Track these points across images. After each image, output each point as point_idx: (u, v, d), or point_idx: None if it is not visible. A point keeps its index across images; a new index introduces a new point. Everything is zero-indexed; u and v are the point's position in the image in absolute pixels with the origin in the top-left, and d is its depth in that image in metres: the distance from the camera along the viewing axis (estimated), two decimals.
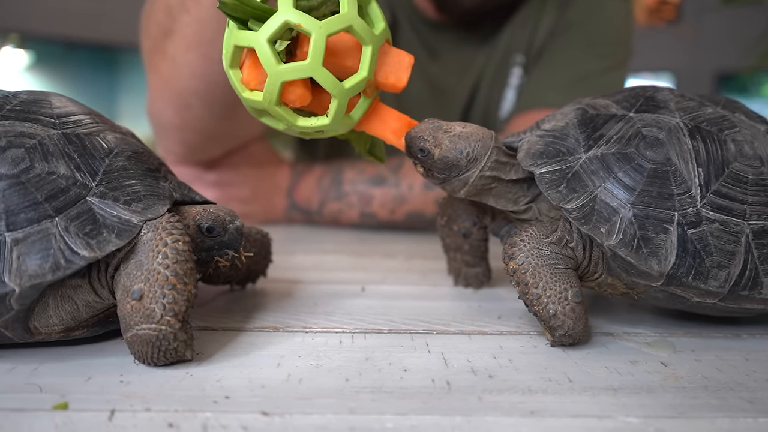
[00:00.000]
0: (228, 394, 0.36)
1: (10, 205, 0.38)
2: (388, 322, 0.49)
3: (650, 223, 0.43)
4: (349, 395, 0.36)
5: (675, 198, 0.44)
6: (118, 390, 0.36)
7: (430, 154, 0.47)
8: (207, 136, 0.83)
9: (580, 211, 0.44)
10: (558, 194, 0.45)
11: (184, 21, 0.70)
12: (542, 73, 1.07)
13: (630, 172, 0.44)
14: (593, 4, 1.09)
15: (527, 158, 0.47)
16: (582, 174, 0.45)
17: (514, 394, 0.37)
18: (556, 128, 0.48)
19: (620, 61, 1.09)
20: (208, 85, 0.74)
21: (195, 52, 0.72)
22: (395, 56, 0.46)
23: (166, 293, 0.38)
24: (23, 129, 0.41)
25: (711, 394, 0.38)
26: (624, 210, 0.43)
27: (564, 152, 0.46)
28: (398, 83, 0.46)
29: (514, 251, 0.44)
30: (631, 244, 0.43)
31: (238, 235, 0.45)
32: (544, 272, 0.43)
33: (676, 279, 0.43)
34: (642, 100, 0.49)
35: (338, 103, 0.44)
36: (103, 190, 0.41)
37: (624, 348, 0.45)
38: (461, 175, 0.48)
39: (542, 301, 0.43)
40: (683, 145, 0.45)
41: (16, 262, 0.37)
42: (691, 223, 0.43)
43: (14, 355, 0.41)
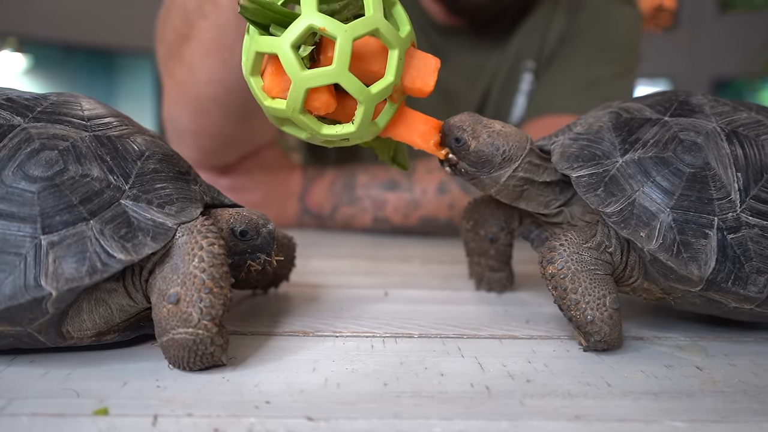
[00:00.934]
0: (268, 399, 0.35)
1: (45, 207, 0.38)
2: (417, 327, 0.49)
3: (690, 228, 0.43)
4: (391, 400, 0.36)
5: (714, 203, 0.44)
6: (156, 395, 0.35)
7: (466, 145, 0.47)
8: (223, 141, 0.83)
9: (619, 215, 0.44)
10: (596, 198, 0.44)
11: (202, 26, 0.70)
12: (553, 78, 1.07)
13: (668, 176, 0.44)
14: (603, 10, 1.10)
15: (562, 161, 0.47)
16: (619, 178, 0.45)
17: (555, 398, 0.37)
18: (590, 131, 0.48)
19: (630, 67, 1.10)
20: (225, 91, 0.74)
21: (213, 57, 0.71)
22: (422, 60, 0.45)
23: (203, 297, 0.38)
24: (56, 131, 0.41)
25: (751, 398, 0.37)
26: (663, 214, 0.43)
27: (600, 156, 0.46)
28: (425, 87, 0.45)
29: (553, 255, 0.44)
30: (671, 248, 0.43)
31: (270, 239, 0.45)
32: (584, 278, 0.43)
33: (715, 284, 0.43)
34: (676, 104, 0.49)
35: (365, 110, 0.42)
36: (136, 192, 0.41)
37: (656, 352, 0.45)
38: (493, 172, 0.48)
39: (580, 306, 0.43)
40: (721, 150, 0.45)
41: (53, 265, 0.36)
42: (731, 228, 0.43)
43: (46, 360, 0.40)
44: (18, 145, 0.39)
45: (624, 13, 1.12)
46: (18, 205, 0.37)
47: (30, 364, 0.39)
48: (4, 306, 0.35)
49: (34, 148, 0.39)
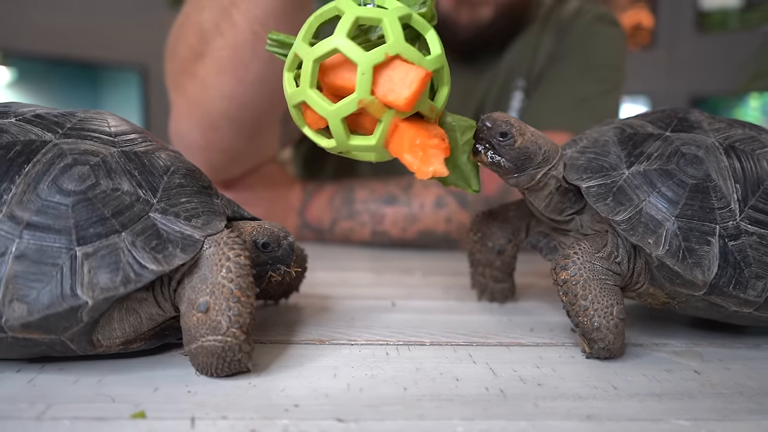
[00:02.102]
0: (296, 402, 0.37)
1: (79, 220, 0.39)
2: (427, 335, 0.51)
3: (694, 235, 0.46)
4: (412, 403, 0.38)
5: (716, 212, 0.47)
6: (188, 400, 0.37)
7: (513, 140, 0.48)
8: (231, 156, 0.84)
9: (628, 222, 0.46)
10: (606, 207, 0.47)
11: (218, 44, 0.72)
12: (543, 96, 1.11)
13: (673, 187, 0.47)
14: (589, 31, 1.14)
15: (572, 172, 0.50)
16: (626, 188, 0.48)
17: (566, 400, 0.39)
18: (596, 145, 0.51)
19: (615, 85, 1.14)
20: (238, 107, 0.76)
21: (227, 74, 0.73)
22: (401, 72, 0.42)
23: (231, 306, 0.40)
24: (86, 147, 0.43)
25: (747, 399, 0.40)
26: (668, 223, 0.46)
27: (607, 167, 0.49)
28: (397, 100, 0.42)
29: (567, 263, 0.46)
30: (677, 254, 0.45)
31: (290, 250, 0.47)
32: (594, 286, 0.46)
33: (717, 288, 0.46)
34: (676, 121, 0.52)
35: (332, 125, 0.43)
36: (164, 206, 0.42)
37: (656, 358, 0.47)
38: (531, 169, 0.49)
39: (589, 313, 0.45)
40: (720, 163, 0.48)
41: (88, 275, 0.38)
42: (732, 236, 0.46)
43: (74, 368, 0.41)
44: (51, 160, 0.41)
45: (609, 33, 1.17)
46: (53, 217, 0.39)
47: (60, 371, 0.41)
48: (41, 315, 0.37)
49: (67, 163, 0.41)
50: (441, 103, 0.46)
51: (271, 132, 0.88)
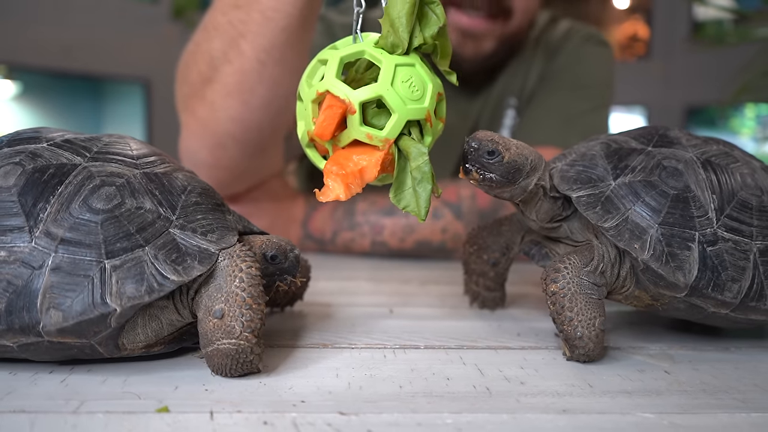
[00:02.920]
0: (303, 399, 0.41)
1: (107, 236, 0.44)
2: (422, 339, 0.55)
3: (675, 241, 0.50)
4: (407, 399, 0.42)
5: (695, 219, 0.51)
6: (206, 396, 0.41)
7: (500, 157, 0.50)
8: (237, 174, 0.89)
9: (615, 229, 0.51)
10: (595, 215, 0.51)
11: (226, 71, 0.77)
12: (534, 114, 1.16)
13: (656, 197, 0.52)
14: (578, 51, 1.19)
15: (563, 183, 0.54)
16: (614, 198, 0.52)
17: (545, 396, 0.43)
18: (585, 158, 0.55)
19: (604, 102, 1.19)
20: (244, 129, 0.81)
21: (234, 98, 0.79)
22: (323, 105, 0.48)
23: (244, 312, 0.44)
24: (112, 169, 0.47)
25: (710, 395, 0.44)
26: (652, 230, 0.50)
27: (595, 179, 0.54)
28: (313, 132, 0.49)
29: (557, 276, 0.50)
30: (660, 258, 0.50)
31: (296, 262, 0.52)
32: (580, 299, 0.50)
33: (697, 290, 0.50)
34: (657, 137, 0.57)
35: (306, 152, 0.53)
36: (182, 222, 0.47)
37: (631, 360, 0.52)
38: (521, 181, 0.52)
39: (573, 323, 0.49)
40: (699, 175, 0.53)
41: (116, 285, 0.42)
42: (710, 242, 0.51)
43: (102, 369, 0.46)
44: (82, 182, 0.45)
45: (598, 53, 1.22)
46: (84, 233, 0.44)
47: (88, 372, 0.45)
48: (75, 321, 0.41)
49: (95, 185, 0.45)
50: (387, 130, 0.47)
51: (275, 150, 0.93)
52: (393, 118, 0.48)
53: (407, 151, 0.49)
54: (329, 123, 0.48)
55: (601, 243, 0.53)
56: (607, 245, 0.53)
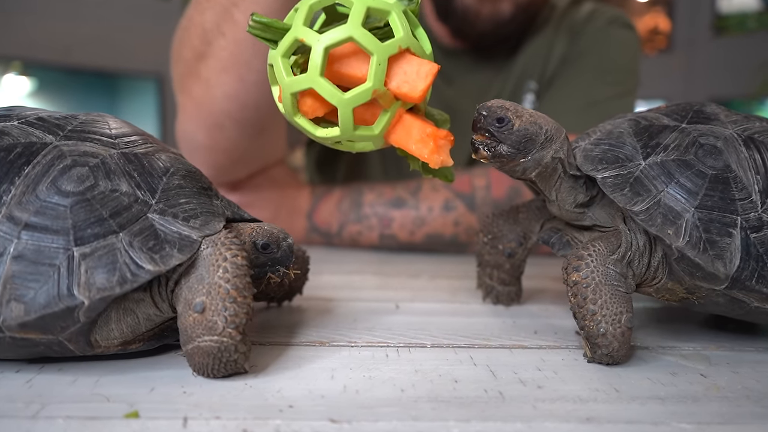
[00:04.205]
0: (291, 403, 0.37)
1: (77, 221, 0.39)
2: (429, 337, 0.50)
3: (714, 227, 0.45)
4: (409, 404, 0.37)
5: (737, 203, 0.46)
6: (183, 400, 0.37)
7: (510, 124, 0.46)
8: (236, 157, 0.85)
9: (646, 213, 0.45)
10: (623, 197, 0.46)
11: (220, 44, 0.73)
12: (554, 99, 1.10)
13: (692, 177, 0.46)
14: (602, 34, 1.13)
15: (587, 163, 0.49)
16: (644, 179, 0.47)
17: (566, 402, 0.38)
18: (611, 137, 0.50)
19: (629, 89, 1.12)
20: (241, 106, 0.77)
21: (230, 73, 0.74)
22: (414, 65, 0.44)
23: (227, 306, 0.39)
24: (86, 148, 0.43)
25: (754, 403, 0.39)
26: (688, 214, 0.45)
27: (623, 158, 0.48)
28: (412, 92, 0.44)
29: (579, 264, 0.45)
30: (697, 246, 0.44)
31: (289, 252, 0.47)
32: (605, 291, 0.44)
33: (739, 282, 0.44)
34: (692, 113, 0.51)
35: (341, 114, 0.43)
36: (162, 207, 0.43)
37: (661, 361, 0.46)
38: (535, 153, 0.47)
39: (596, 318, 0.44)
40: (740, 154, 0.47)
41: (85, 275, 0.38)
42: (754, 227, 0.45)
43: (73, 368, 0.41)
44: (51, 162, 0.41)
45: (623, 36, 1.16)
46: (52, 218, 0.39)
47: (59, 371, 0.41)
48: (38, 314, 0.37)
49: (66, 165, 0.41)
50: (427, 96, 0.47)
51: (276, 132, 0.88)
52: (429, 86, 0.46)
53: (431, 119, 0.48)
54: (430, 85, 0.44)
55: (630, 229, 0.48)
56: (636, 231, 0.48)
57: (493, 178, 0.92)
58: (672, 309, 0.63)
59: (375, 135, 0.45)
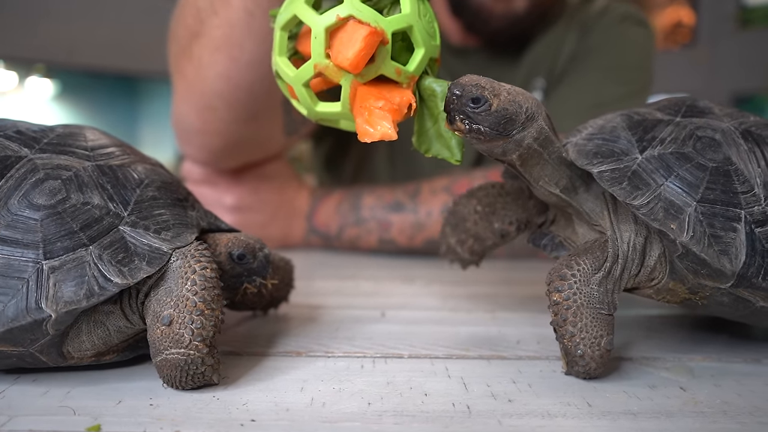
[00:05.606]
0: (254, 417, 0.37)
1: (47, 234, 0.40)
2: (408, 347, 0.50)
3: (718, 221, 0.43)
4: (372, 419, 0.37)
5: (740, 196, 0.44)
6: (148, 413, 0.37)
7: (487, 104, 0.42)
8: (229, 140, 0.85)
9: (647, 207, 0.44)
10: (622, 191, 0.44)
11: (213, 23, 0.73)
12: (561, 97, 1.08)
13: (692, 170, 0.45)
14: (614, 30, 1.11)
15: (581, 158, 0.47)
16: (641, 173, 0.45)
17: (533, 418, 0.37)
18: (604, 131, 0.49)
19: (640, 88, 1.10)
20: (233, 87, 0.77)
21: (222, 53, 0.74)
22: (351, 32, 0.42)
23: (194, 319, 0.40)
24: (60, 161, 0.43)
25: (730, 418, 0.38)
26: (690, 208, 0.44)
27: (618, 152, 0.47)
28: (344, 62, 0.41)
29: (562, 285, 0.44)
30: (702, 241, 0.43)
31: (266, 262, 0.47)
32: (586, 314, 0.43)
33: (746, 279, 0.43)
34: (685, 108, 0.50)
35: (297, 91, 0.44)
36: (134, 219, 0.43)
37: (643, 373, 0.45)
38: (515, 134, 0.43)
39: (575, 340, 0.43)
40: (740, 146, 0.46)
41: (53, 289, 0.39)
42: (758, 222, 0.44)
43: (48, 379, 0.42)
44: (24, 176, 0.42)
45: (635, 33, 1.13)
46: (22, 232, 0.40)
47: (33, 382, 0.41)
48: (6, 327, 0.38)
49: (38, 178, 0.42)
50: (414, 65, 0.44)
51: (272, 119, 0.87)
52: (419, 53, 0.44)
53: (430, 91, 0.46)
54: (366, 53, 0.41)
55: (617, 229, 0.47)
56: (623, 231, 0.46)
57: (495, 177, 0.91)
58: (664, 318, 0.62)
59: (339, 111, 0.44)
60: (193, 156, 0.91)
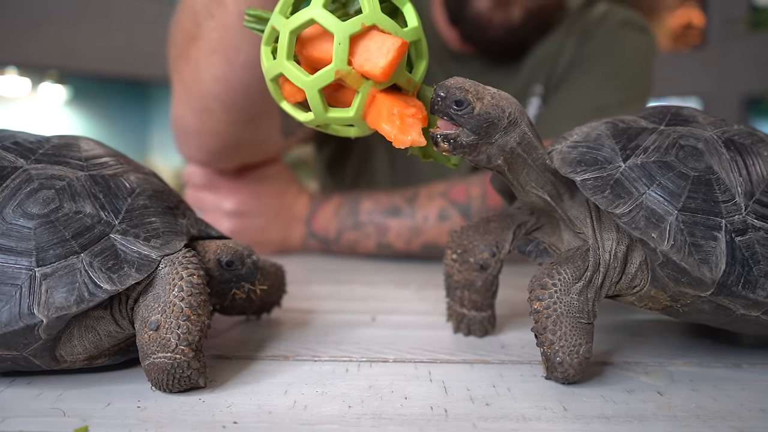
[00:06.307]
0: (236, 419, 0.38)
1: (40, 242, 0.42)
2: (393, 351, 0.51)
3: (699, 230, 0.44)
4: (351, 421, 0.38)
5: (721, 205, 0.45)
6: (135, 415, 0.38)
7: (470, 108, 0.43)
8: (226, 141, 0.86)
9: (629, 216, 0.44)
10: (604, 199, 0.45)
11: (209, 26, 0.75)
12: (559, 104, 1.09)
13: (674, 179, 0.45)
14: (613, 36, 1.11)
15: (564, 166, 0.47)
16: (624, 181, 0.46)
17: (508, 421, 0.38)
18: (588, 139, 0.49)
19: (639, 94, 1.10)
20: (229, 89, 0.78)
21: (218, 56, 0.76)
22: (378, 42, 0.43)
23: (180, 324, 0.41)
24: (54, 172, 0.45)
25: (702, 423, 0.39)
26: (671, 217, 0.44)
27: (602, 161, 0.47)
28: (373, 70, 0.43)
29: (543, 294, 0.45)
30: (682, 249, 0.43)
31: (254, 268, 0.48)
32: (566, 323, 0.44)
33: (726, 288, 0.44)
34: (670, 116, 0.51)
35: (309, 96, 0.44)
36: (125, 227, 0.44)
37: (622, 377, 0.46)
38: (498, 139, 0.44)
39: (554, 347, 0.44)
40: (722, 155, 0.47)
41: (45, 295, 0.40)
42: (739, 231, 0.45)
43: (42, 382, 0.43)
44: (19, 185, 0.43)
45: (635, 39, 1.13)
46: (16, 240, 0.41)
47: (27, 385, 0.43)
48: (0, 332, 0.39)
49: (33, 188, 0.43)
50: (419, 75, 0.47)
51: (268, 121, 0.88)
52: (422, 63, 0.47)
53: (425, 99, 0.48)
54: (396, 62, 0.43)
55: (599, 237, 0.47)
56: (605, 240, 0.47)
57: (489, 187, 0.91)
58: (651, 322, 0.62)
59: (350, 117, 0.45)
60: (191, 156, 0.93)
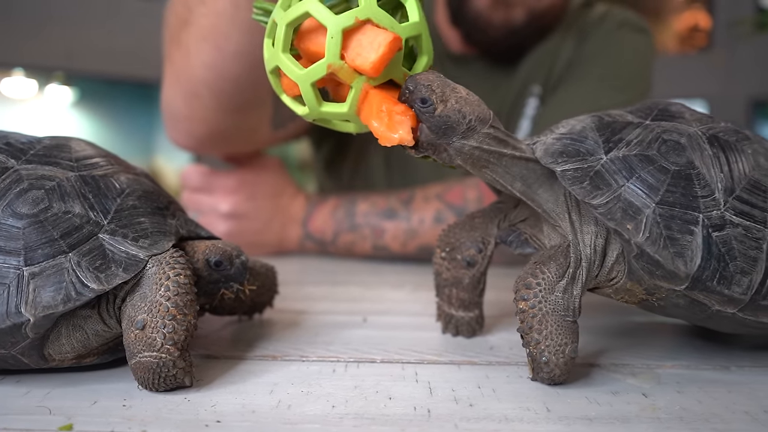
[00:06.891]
0: (220, 418, 0.38)
1: (28, 242, 0.42)
2: (381, 352, 0.51)
3: (676, 223, 0.44)
4: (333, 421, 0.38)
5: (699, 200, 0.45)
6: (119, 413, 0.39)
7: (432, 108, 0.44)
8: (214, 128, 0.87)
9: (605, 207, 0.45)
10: (582, 190, 0.45)
11: (200, 12, 0.75)
12: (557, 104, 1.09)
13: (654, 172, 0.46)
14: (611, 37, 1.11)
15: (546, 156, 0.48)
16: (604, 173, 0.46)
17: (490, 422, 0.38)
18: (573, 132, 0.50)
19: (638, 95, 1.10)
20: (217, 77, 0.78)
21: (208, 42, 0.76)
22: (370, 36, 0.43)
23: (166, 323, 0.41)
24: (44, 172, 0.45)
25: (685, 425, 0.38)
26: (648, 209, 0.44)
27: (584, 153, 0.48)
28: (363, 65, 0.42)
29: (528, 293, 0.45)
30: (657, 242, 0.43)
31: (243, 269, 0.49)
32: (552, 322, 0.44)
33: (700, 282, 0.44)
34: (657, 111, 0.51)
35: (303, 90, 0.44)
36: (113, 227, 0.45)
37: (608, 379, 0.46)
38: (455, 142, 0.45)
39: (540, 347, 0.44)
40: (704, 151, 0.47)
41: (32, 294, 0.41)
42: (716, 226, 0.45)
43: (30, 380, 0.44)
44: (9, 186, 0.44)
45: (634, 40, 1.13)
46: (5, 239, 0.42)
47: (16, 383, 0.43)
48: None
49: (22, 188, 0.44)
50: (419, 71, 0.46)
51: (259, 111, 0.89)
52: (423, 59, 0.46)
53: None
54: (388, 58, 0.43)
55: (579, 231, 0.47)
56: (585, 234, 0.47)
57: (485, 190, 0.92)
58: (640, 324, 0.62)
59: (344, 113, 0.45)
60: (179, 142, 0.93)
